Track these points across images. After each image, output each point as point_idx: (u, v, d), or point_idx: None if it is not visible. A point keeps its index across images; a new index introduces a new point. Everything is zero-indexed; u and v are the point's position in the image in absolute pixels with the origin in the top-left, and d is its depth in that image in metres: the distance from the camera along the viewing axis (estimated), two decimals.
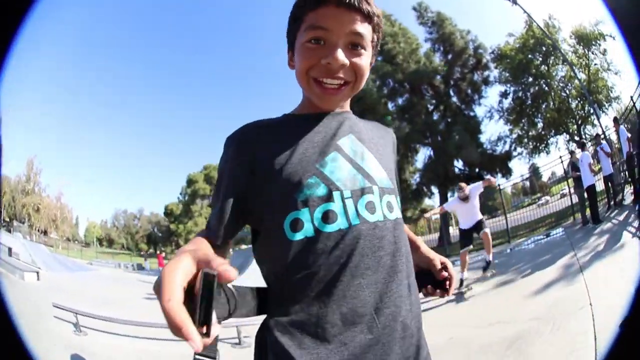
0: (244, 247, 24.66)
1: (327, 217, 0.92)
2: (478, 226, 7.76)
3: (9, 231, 27.93)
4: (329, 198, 0.93)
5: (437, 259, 1.18)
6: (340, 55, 0.96)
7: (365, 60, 1.03)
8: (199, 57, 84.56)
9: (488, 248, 7.81)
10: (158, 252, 40.89)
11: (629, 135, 9.86)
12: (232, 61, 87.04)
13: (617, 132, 10.32)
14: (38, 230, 37.18)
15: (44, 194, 39.65)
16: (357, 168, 1.00)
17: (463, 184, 8.15)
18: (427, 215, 10.10)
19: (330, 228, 0.91)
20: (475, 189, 7.87)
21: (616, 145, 10.32)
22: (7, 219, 32.69)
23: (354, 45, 1.00)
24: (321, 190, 0.93)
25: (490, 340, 4.37)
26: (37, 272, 13.59)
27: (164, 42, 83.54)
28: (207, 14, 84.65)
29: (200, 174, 54.68)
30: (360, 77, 1.04)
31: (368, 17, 1.00)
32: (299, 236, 0.91)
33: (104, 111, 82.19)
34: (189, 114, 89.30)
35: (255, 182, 0.97)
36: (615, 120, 11.03)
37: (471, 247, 8.05)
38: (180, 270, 0.66)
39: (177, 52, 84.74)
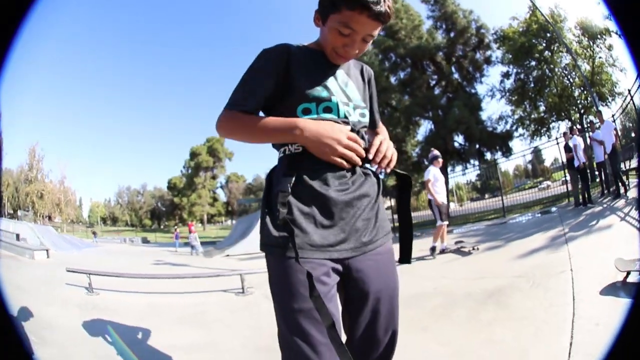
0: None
1: (326, 109, 1.45)
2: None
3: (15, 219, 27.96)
4: (329, 99, 1.45)
5: (376, 137, 1.53)
6: (356, 50, 1.43)
7: (369, 45, 1.48)
8: (200, 31, 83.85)
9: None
10: (190, 221, 41.61)
11: (616, 127, 9.93)
12: (234, 32, 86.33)
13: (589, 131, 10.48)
14: (42, 217, 37.04)
15: (47, 180, 39.30)
16: (342, 90, 1.53)
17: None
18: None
19: (329, 117, 1.45)
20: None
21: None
22: (12, 211, 32.61)
23: (367, 40, 1.41)
24: (324, 94, 1.45)
25: (472, 290, 4.58)
26: (47, 251, 13.70)
27: (163, 19, 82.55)
28: None
29: (203, 146, 54.50)
30: (361, 54, 1.50)
31: (385, 23, 1.37)
32: (309, 117, 1.43)
33: (103, 89, 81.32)
34: (191, 87, 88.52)
35: (285, 75, 1.44)
36: (600, 113, 11.12)
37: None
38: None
39: (177, 26, 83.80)
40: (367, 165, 1.53)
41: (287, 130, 1.36)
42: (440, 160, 8.22)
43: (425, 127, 27.77)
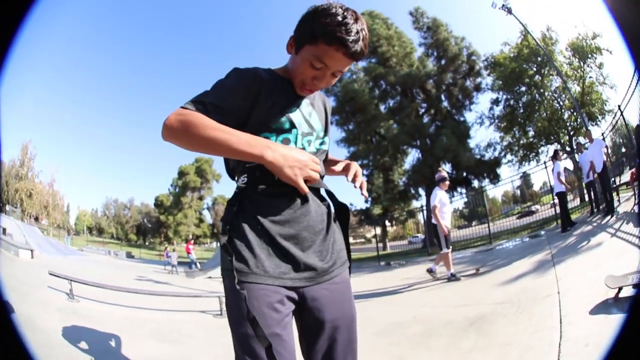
0: None
1: (285, 140, 1.43)
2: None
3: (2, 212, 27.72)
4: (289, 131, 1.45)
5: (347, 169, 1.61)
6: (324, 84, 1.44)
7: (335, 80, 1.48)
8: (193, 45, 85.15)
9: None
10: (190, 239, 42.27)
11: (606, 145, 9.99)
12: (228, 49, 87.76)
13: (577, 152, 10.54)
14: (30, 216, 36.98)
15: (37, 180, 39.48)
16: (306, 120, 1.53)
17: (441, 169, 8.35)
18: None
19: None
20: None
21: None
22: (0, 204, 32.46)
23: (336, 75, 1.42)
24: (286, 126, 1.44)
25: (453, 318, 4.42)
26: (32, 251, 13.76)
27: (158, 32, 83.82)
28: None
29: (192, 166, 54.91)
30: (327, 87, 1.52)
31: (357, 61, 1.42)
32: None
33: (100, 102, 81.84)
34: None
35: (253, 101, 1.41)
36: (589, 132, 11.22)
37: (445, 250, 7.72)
38: None
39: (169, 42, 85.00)
40: (323, 192, 1.57)
41: (259, 147, 1.29)
42: (447, 182, 8.04)
43: (412, 156, 27.88)
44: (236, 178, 1.50)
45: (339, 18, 1.28)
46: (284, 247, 1.37)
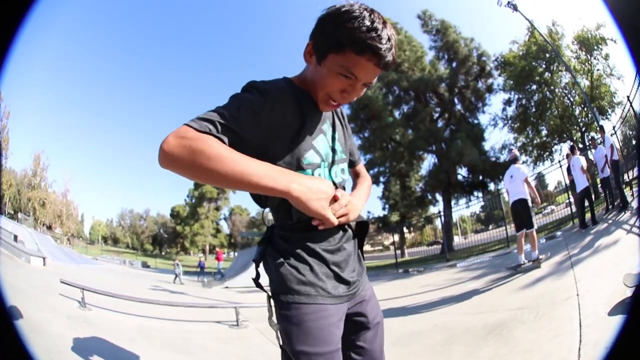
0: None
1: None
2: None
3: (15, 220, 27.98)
4: (318, 166, 1.35)
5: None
6: (355, 97, 1.29)
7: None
8: (209, 54, 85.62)
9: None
10: (218, 249, 43.77)
11: (612, 143, 9.81)
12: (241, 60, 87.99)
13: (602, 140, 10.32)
14: (43, 225, 36.91)
15: (50, 190, 39.35)
16: (331, 147, 1.43)
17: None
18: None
19: None
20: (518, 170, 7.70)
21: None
22: (12, 211, 32.68)
23: (366, 86, 1.28)
24: (315, 159, 1.34)
25: (472, 326, 4.39)
26: (44, 258, 13.73)
27: (173, 38, 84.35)
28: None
29: None
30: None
31: (387, 70, 1.27)
32: None
33: (115, 111, 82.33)
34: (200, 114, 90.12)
35: (275, 130, 1.25)
36: (602, 128, 11.02)
37: (524, 230, 7.44)
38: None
39: (185, 49, 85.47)
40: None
41: (283, 181, 1.13)
42: (520, 160, 7.98)
43: (428, 161, 27.80)
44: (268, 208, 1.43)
45: (367, 23, 1.13)
46: (335, 271, 1.36)
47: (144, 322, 6.50)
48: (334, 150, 1.44)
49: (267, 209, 1.45)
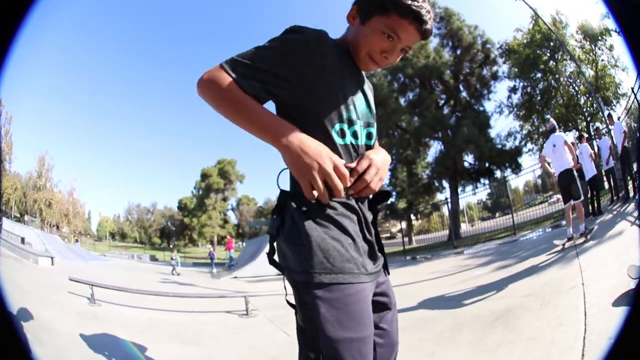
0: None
1: (354, 134, 1.33)
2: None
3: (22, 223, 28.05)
4: (355, 123, 1.33)
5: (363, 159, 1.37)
6: (393, 59, 1.36)
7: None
8: (209, 54, 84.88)
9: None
10: (229, 237, 41.61)
11: (625, 129, 9.78)
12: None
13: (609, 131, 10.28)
14: (50, 225, 36.83)
15: (55, 190, 39.04)
16: (368, 107, 1.44)
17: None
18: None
19: (356, 142, 1.34)
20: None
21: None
22: (18, 214, 32.73)
23: (405, 50, 1.35)
24: (353, 115, 1.32)
25: (479, 312, 4.44)
26: (52, 258, 13.65)
27: (179, 34, 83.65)
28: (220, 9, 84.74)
29: (214, 168, 54.67)
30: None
31: (425, 39, 1.34)
32: (344, 141, 1.30)
33: (117, 106, 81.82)
34: (204, 108, 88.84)
35: (310, 77, 1.25)
36: (610, 117, 10.97)
37: (572, 202, 7.34)
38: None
39: (192, 45, 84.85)
40: None
41: (275, 132, 1.19)
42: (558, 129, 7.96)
43: (435, 148, 27.81)
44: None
45: None
46: (371, 244, 1.33)
47: (153, 314, 6.51)
48: (369, 112, 1.43)
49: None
